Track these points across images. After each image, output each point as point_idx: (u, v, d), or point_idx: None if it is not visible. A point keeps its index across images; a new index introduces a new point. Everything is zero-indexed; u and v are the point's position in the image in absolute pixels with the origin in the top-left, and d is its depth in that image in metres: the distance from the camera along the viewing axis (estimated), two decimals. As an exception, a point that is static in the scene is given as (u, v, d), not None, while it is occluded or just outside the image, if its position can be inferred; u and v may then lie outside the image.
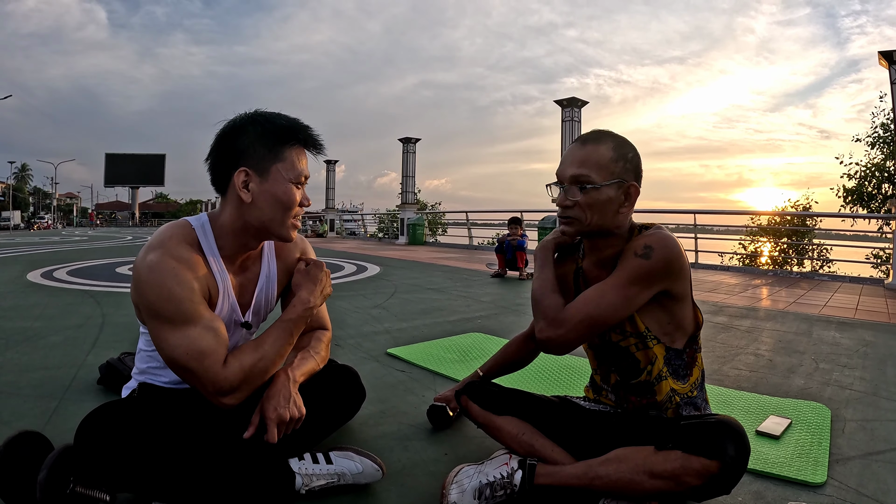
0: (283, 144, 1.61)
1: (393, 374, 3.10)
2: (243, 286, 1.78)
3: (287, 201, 1.61)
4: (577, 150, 1.67)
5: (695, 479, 1.43)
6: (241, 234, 1.66)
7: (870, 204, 20.58)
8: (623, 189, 1.64)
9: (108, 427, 1.52)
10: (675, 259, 1.58)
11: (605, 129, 1.70)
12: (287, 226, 1.65)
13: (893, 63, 8.76)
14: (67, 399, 2.54)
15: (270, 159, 1.59)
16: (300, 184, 1.64)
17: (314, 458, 1.73)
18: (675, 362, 1.71)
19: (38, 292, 6.13)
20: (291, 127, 1.63)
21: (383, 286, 7.10)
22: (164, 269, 1.50)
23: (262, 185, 1.59)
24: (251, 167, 1.58)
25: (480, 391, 1.92)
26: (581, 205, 1.64)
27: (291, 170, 1.61)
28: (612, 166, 1.62)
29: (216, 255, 1.65)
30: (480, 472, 1.66)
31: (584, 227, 1.67)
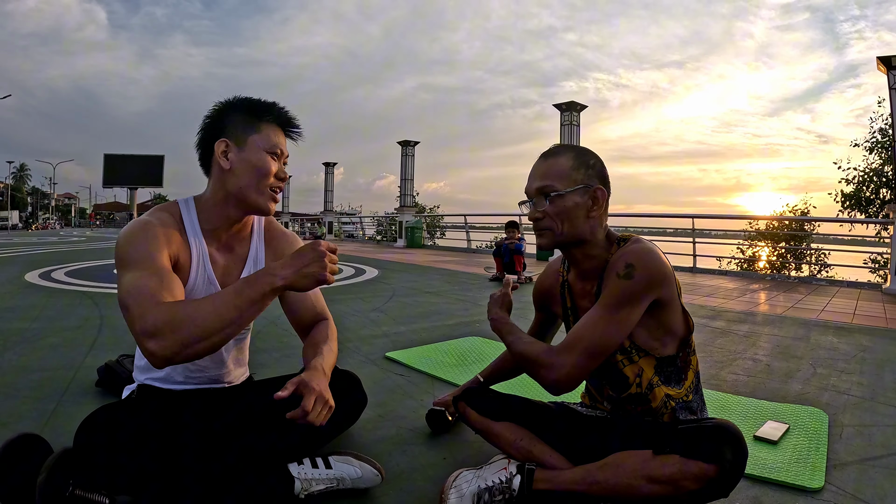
0: (259, 119, 1.72)
1: (391, 377, 3.10)
2: (229, 266, 1.84)
3: (262, 168, 1.70)
4: (539, 165, 1.73)
5: (693, 484, 1.44)
6: (222, 205, 1.75)
7: (868, 209, 20.61)
8: (589, 194, 1.68)
9: (107, 429, 1.52)
10: (657, 272, 1.58)
11: (565, 144, 1.74)
12: (264, 194, 1.73)
13: (892, 68, 8.77)
14: (66, 401, 2.54)
15: (248, 131, 1.71)
16: (276, 155, 1.74)
17: (313, 463, 1.73)
18: (667, 369, 1.71)
19: (36, 293, 6.13)
20: (268, 104, 1.76)
21: (381, 289, 7.10)
22: (135, 224, 1.63)
23: (240, 153, 1.70)
24: (230, 138, 1.70)
25: (478, 397, 1.92)
26: (549, 214, 1.68)
27: (266, 140, 1.71)
28: (574, 174, 1.67)
29: (196, 229, 1.75)
30: (479, 476, 1.67)
31: (557, 237, 1.70)
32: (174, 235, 1.67)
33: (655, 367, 1.70)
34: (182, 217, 1.74)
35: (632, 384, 1.72)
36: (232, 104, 1.75)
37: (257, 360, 3.20)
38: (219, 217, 1.77)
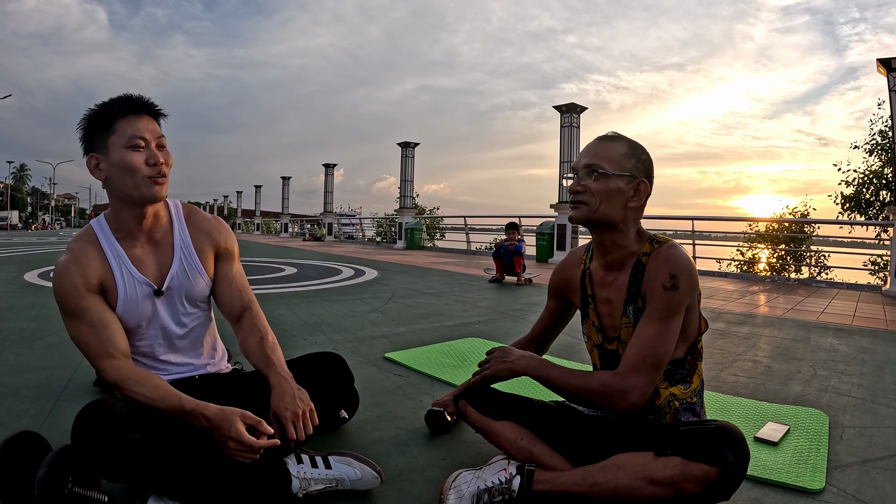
0: (110, 120, 1.70)
1: (390, 378, 3.09)
2: (158, 259, 1.86)
3: (126, 166, 1.69)
4: (594, 145, 1.75)
5: (694, 486, 1.43)
6: (121, 210, 1.78)
7: (868, 211, 20.60)
8: (633, 184, 1.70)
9: (105, 420, 1.51)
10: (695, 280, 1.66)
11: (621, 133, 1.77)
12: (142, 185, 1.71)
13: (892, 70, 8.77)
14: (64, 400, 2.54)
15: (105, 136, 1.70)
16: (138, 146, 1.70)
17: (313, 463, 1.73)
18: (676, 372, 1.72)
19: (35, 293, 6.14)
20: (112, 101, 1.74)
21: (381, 290, 7.09)
22: (57, 269, 1.74)
23: (108, 160, 1.71)
24: (96, 150, 1.72)
25: (478, 396, 1.91)
26: (591, 190, 1.69)
27: (122, 137, 1.69)
28: (625, 161, 1.70)
29: (111, 242, 1.79)
30: (478, 477, 1.66)
31: (591, 213, 1.70)
32: (91, 262, 1.74)
33: (666, 370, 1.71)
34: (97, 237, 1.79)
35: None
36: (85, 118, 1.75)
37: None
38: (125, 221, 1.80)
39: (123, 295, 1.77)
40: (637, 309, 1.71)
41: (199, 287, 1.92)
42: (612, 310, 1.79)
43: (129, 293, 1.78)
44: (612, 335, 1.80)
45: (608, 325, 1.81)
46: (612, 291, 1.78)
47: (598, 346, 1.86)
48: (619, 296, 1.76)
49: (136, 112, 1.74)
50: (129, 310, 1.77)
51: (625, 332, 1.74)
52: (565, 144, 14.07)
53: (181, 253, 1.89)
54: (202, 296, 1.95)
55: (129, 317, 1.78)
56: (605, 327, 1.82)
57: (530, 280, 8.35)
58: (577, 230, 13.55)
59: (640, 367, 1.60)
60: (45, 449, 1.60)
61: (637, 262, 1.73)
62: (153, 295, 1.82)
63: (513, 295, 7.00)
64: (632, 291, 1.72)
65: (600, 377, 1.64)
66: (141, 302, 1.80)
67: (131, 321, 1.79)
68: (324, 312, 5.23)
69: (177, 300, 1.88)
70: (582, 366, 3.23)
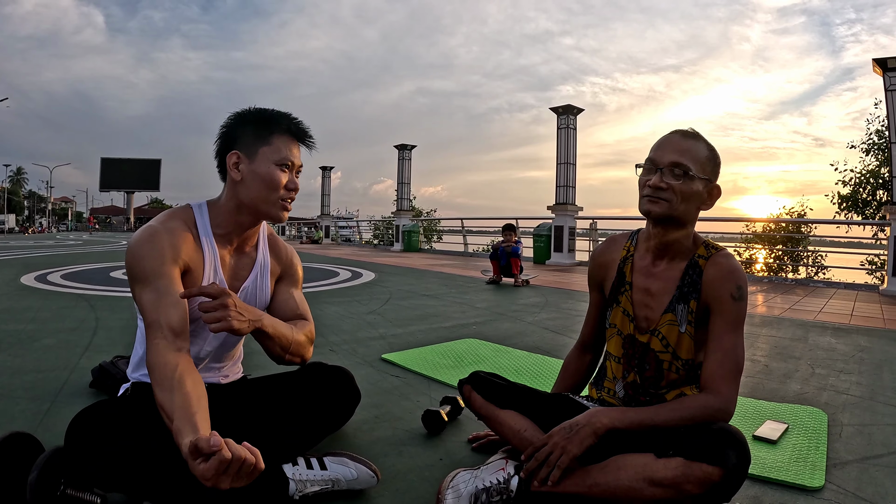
0: (270, 131, 1.74)
1: (388, 379, 3.08)
2: (238, 269, 1.87)
3: (270, 181, 1.72)
4: (679, 140, 1.70)
5: (695, 487, 1.42)
6: (234, 213, 1.78)
7: (864, 210, 20.64)
8: (709, 188, 1.70)
9: (99, 425, 1.50)
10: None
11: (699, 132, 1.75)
12: (275, 205, 1.75)
13: (888, 70, 8.79)
14: (59, 402, 2.52)
15: (259, 143, 1.73)
16: (286, 166, 1.75)
17: (308, 464, 1.72)
18: (694, 373, 1.74)
19: (32, 295, 6.12)
20: (279, 116, 1.78)
21: (378, 292, 7.08)
22: (144, 233, 1.66)
23: (251, 165, 1.72)
24: (242, 150, 1.73)
25: (485, 382, 1.90)
26: (675, 190, 1.66)
27: (276, 153, 1.73)
28: (708, 165, 1.69)
29: (209, 233, 1.77)
30: (476, 477, 1.65)
31: (671, 211, 1.68)
32: (185, 242, 1.69)
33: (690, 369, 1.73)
34: (196, 222, 1.77)
35: (664, 387, 1.76)
36: (244, 116, 1.77)
37: (255, 362, 3.17)
38: (231, 223, 1.80)
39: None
40: (688, 310, 1.71)
41: (259, 306, 1.91)
42: (653, 301, 1.78)
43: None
44: (644, 326, 1.78)
45: (642, 315, 1.79)
46: (657, 283, 1.77)
47: (626, 336, 1.82)
48: (664, 288, 1.76)
49: (294, 136, 1.79)
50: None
51: (667, 329, 1.73)
52: (562, 146, 14.10)
53: (258, 270, 1.91)
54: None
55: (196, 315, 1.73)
56: (637, 317, 1.80)
57: (527, 281, 8.35)
58: (575, 232, 13.56)
59: (728, 378, 1.62)
60: (37, 450, 1.58)
61: (693, 263, 1.73)
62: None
63: (510, 296, 6.99)
64: (685, 290, 1.72)
65: (695, 402, 1.60)
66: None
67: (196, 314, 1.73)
68: (321, 314, 5.21)
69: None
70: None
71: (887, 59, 8.71)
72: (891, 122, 8.95)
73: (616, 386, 1.85)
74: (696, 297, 1.70)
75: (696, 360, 1.72)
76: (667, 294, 1.74)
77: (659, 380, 1.75)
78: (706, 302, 1.69)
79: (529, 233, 14.56)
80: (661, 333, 1.74)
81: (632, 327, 1.81)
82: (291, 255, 2.05)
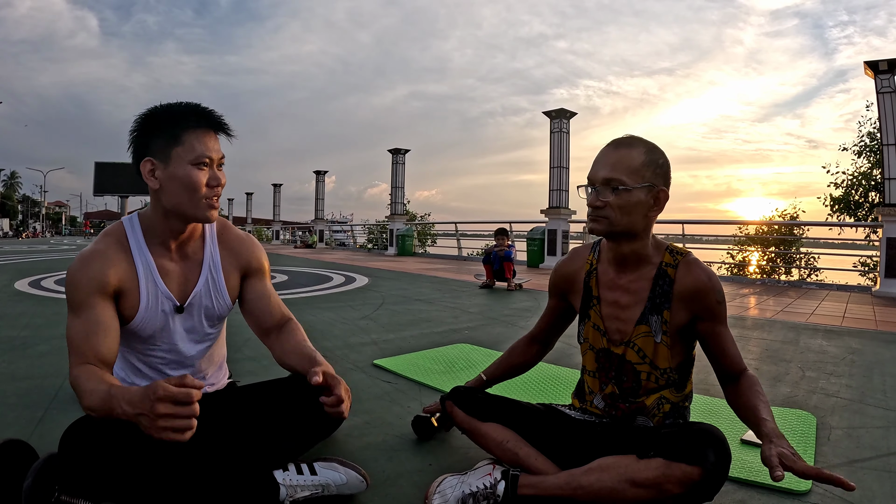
0: (180, 129, 1.65)
1: (379, 385, 3.08)
2: (185, 274, 1.83)
3: (189, 184, 1.65)
4: (610, 154, 1.68)
5: (676, 487, 1.43)
6: (163, 220, 1.74)
7: (857, 212, 20.69)
8: (653, 193, 1.66)
9: (93, 435, 1.50)
10: None
11: (637, 135, 1.73)
12: (199, 206, 1.69)
13: (879, 73, 8.84)
14: (54, 408, 2.52)
15: (171, 145, 1.65)
16: (203, 164, 1.67)
17: (298, 469, 1.72)
18: (673, 376, 1.74)
19: (26, 301, 6.14)
20: (186, 110, 1.69)
21: (371, 297, 7.08)
22: (77, 262, 1.67)
23: (166, 170, 1.66)
24: (155, 156, 1.66)
25: (466, 397, 1.91)
26: (612, 206, 1.65)
27: (190, 152, 1.65)
28: (644, 171, 1.65)
29: (142, 247, 1.74)
30: (463, 482, 1.66)
31: (613, 227, 1.68)
32: (114, 264, 1.68)
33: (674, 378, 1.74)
34: (128, 239, 1.74)
35: (641, 395, 1.76)
36: (150, 118, 1.69)
37: (245, 368, 3.18)
38: (163, 231, 1.76)
39: (145, 304, 1.73)
40: (662, 320, 1.70)
41: (219, 308, 1.90)
42: (623, 314, 1.77)
43: (151, 304, 1.74)
44: (618, 339, 1.78)
45: (613, 328, 1.79)
46: (626, 295, 1.77)
47: (599, 349, 1.82)
48: (634, 300, 1.75)
49: (207, 128, 1.71)
50: (148, 319, 1.74)
51: (642, 341, 1.73)
52: (555, 150, 14.12)
53: (208, 272, 1.87)
54: (221, 316, 1.92)
55: (146, 326, 1.75)
56: (608, 330, 1.80)
57: (520, 285, 8.35)
58: (569, 235, 13.58)
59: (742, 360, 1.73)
60: (31, 457, 1.58)
61: (661, 273, 1.72)
62: (173, 310, 1.79)
63: (503, 300, 6.99)
64: (657, 301, 1.71)
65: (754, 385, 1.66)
66: (161, 315, 1.77)
67: (147, 330, 1.76)
68: (314, 319, 5.22)
69: (195, 318, 1.86)
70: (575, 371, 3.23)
71: (878, 61, 8.76)
72: (882, 124, 8.99)
73: (595, 399, 1.86)
74: (667, 306, 1.69)
75: (674, 367, 1.72)
76: (637, 305, 1.74)
77: (637, 389, 1.75)
78: (688, 312, 1.69)
79: (523, 236, 14.57)
80: (637, 345, 1.73)
81: (605, 341, 1.80)
82: (249, 245, 1.99)
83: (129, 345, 1.81)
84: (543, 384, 3.10)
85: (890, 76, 8.81)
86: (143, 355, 1.82)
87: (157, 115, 1.68)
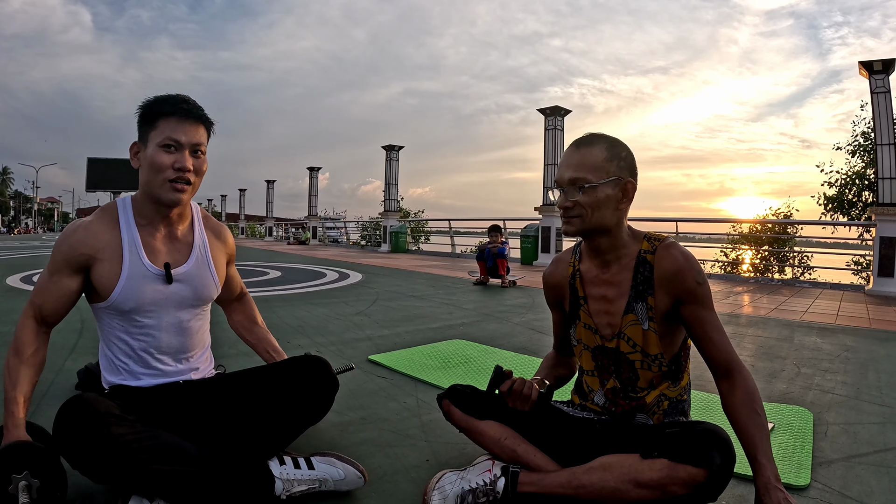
0: (155, 115, 1.75)
1: (374, 380, 3.07)
2: (173, 254, 1.89)
3: (153, 163, 1.73)
4: (573, 154, 1.69)
5: (681, 488, 1.42)
6: (146, 201, 1.82)
7: (850, 211, 20.75)
8: (620, 186, 1.66)
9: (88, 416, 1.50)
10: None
11: (598, 132, 1.73)
12: (163, 187, 1.75)
13: (873, 73, 8.86)
14: (45, 404, 2.51)
15: (148, 130, 1.75)
16: (170, 147, 1.74)
17: (296, 464, 1.72)
18: (670, 367, 1.72)
19: (18, 297, 6.10)
20: (164, 99, 1.78)
21: (365, 293, 7.07)
22: (67, 229, 1.81)
23: (144, 153, 1.76)
24: (140, 140, 1.78)
25: (462, 395, 1.90)
26: (581, 204, 1.65)
27: (160, 135, 1.73)
28: (607, 166, 1.65)
29: (130, 224, 1.82)
30: (463, 478, 1.65)
31: (585, 225, 1.68)
32: (100, 233, 1.78)
33: (664, 373, 1.73)
34: (118, 216, 1.83)
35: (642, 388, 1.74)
36: (140, 107, 1.79)
37: (238, 363, 3.17)
38: (149, 211, 1.83)
39: (126, 275, 1.76)
40: (647, 307, 1.69)
41: (208, 287, 1.94)
42: (610, 307, 1.76)
43: (132, 276, 1.77)
44: (608, 333, 1.77)
45: (603, 323, 1.78)
46: (610, 289, 1.76)
47: (594, 347, 1.81)
48: (619, 293, 1.74)
49: (180, 115, 1.76)
50: (129, 290, 1.77)
51: (631, 330, 1.72)
52: (549, 147, 14.11)
53: (198, 252, 1.92)
54: (209, 296, 1.97)
55: (126, 298, 1.77)
56: (598, 326, 1.79)
57: (514, 282, 8.36)
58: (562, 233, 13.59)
59: (732, 348, 1.67)
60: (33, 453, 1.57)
61: (640, 260, 1.71)
62: (160, 282, 1.82)
63: (497, 297, 7.00)
64: (640, 289, 1.70)
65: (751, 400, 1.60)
66: (149, 288, 1.80)
67: (128, 303, 1.78)
68: (307, 315, 5.21)
69: (182, 294, 1.87)
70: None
71: (873, 61, 8.78)
72: (876, 123, 9.01)
73: (595, 396, 1.85)
74: (651, 293, 1.69)
75: (665, 353, 1.71)
76: (623, 296, 1.73)
77: (636, 380, 1.74)
78: (669, 296, 1.67)
79: (517, 234, 14.58)
80: (627, 335, 1.73)
81: (598, 338, 1.80)
82: (228, 233, 2.13)
83: (117, 324, 1.82)
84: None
85: (884, 76, 8.83)
86: (129, 335, 1.84)
87: (144, 103, 1.78)
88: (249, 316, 2.36)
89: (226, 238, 2.08)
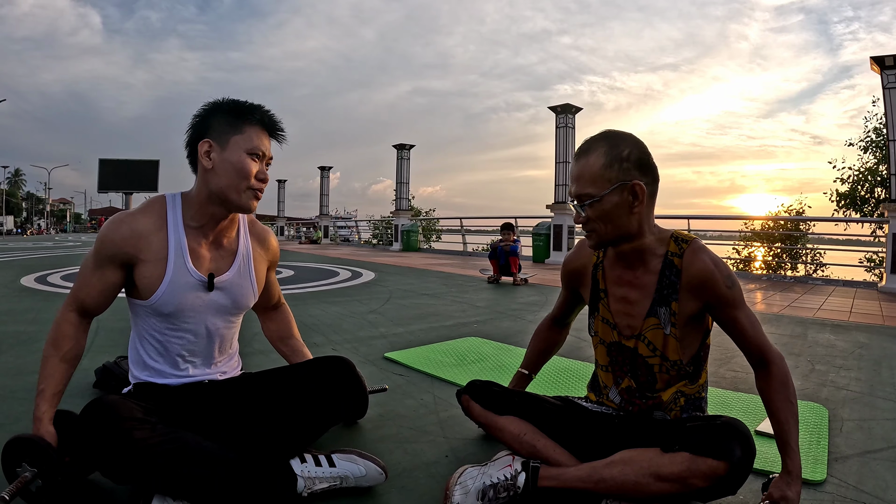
0: (242, 121, 1.76)
1: (391, 377, 3.10)
2: (217, 261, 1.88)
3: (241, 169, 1.73)
4: (574, 167, 1.69)
5: (702, 481, 1.43)
6: (206, 204, 1.79)
7: (863, 208, 20.62)
8: (627, 189, 1.62)
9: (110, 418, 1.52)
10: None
11: (598, 134, 1.70)
12: (244, 194, 1.76)
13: (885, 68, 8.81)
14: (63, 403, 2.51)
15: (231, 132, 1.74)
16: (257, 156, 1.77)
17: (317, 461, 1.73)
18: (688, 368, 1.73)
19: (32, 297, 6.14)
20: (252, 107, 1.80)
21: (378, 292, 7.10)
22: (114, 222, 1.77)
23: (222, 154, 1.74)
24: (213, 139, 1.74)
25: (482, 391, 1.92)
26: (592, 218, 1.65)
27: (248, 142, 1.75)
28: (608, 173, 1.62)
29: (178, 225, 1.80)
30: (484, 473, 1.66)
31: (602, 238, 1.68)
32: (147, 233, 1.75)
33: (680, 375, 1.73)
34: (167, 212, 1.80)
35: (658, 390, 1.75)
36: (218, 105, 1.79)
37: (255, 362, 3.20)
38: (203, 215, 1.81)
39: (169, 280, 1.76)
40: (670, 312, 1.68)
41: (246, 296, 1.95)
42: (632, 309, 1.75)
43: (175, 281, 1.77)
44: (628, 333, 1.77)
45: (623, 323, 1.78)
46: (633, 291, 1.75)
47: (610, 343, 1.82)
48: (642, 295, 1.73)
49: (266, 128, 1.81)
50: (171, 294, 1.76)
51: (652, 333, 1.71)
52: (560, 145, 14.09)
53: (241, 261, 1.92)
54: (247, 305, 1.98)
55: (167, 302, 1.77)
56: (619, 325, 1.79)
57: (526, 280, 8.35)
58: (573, 231, 13.57)
59: (768, 341, 1.67)
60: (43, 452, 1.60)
61: (667, 263, 1.69)
62: (201, 289, 1.82)
63: (510, 295, 7.01)
64: (664, 293, 1.68)
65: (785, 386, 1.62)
66: (187, 293, 1.80)
67: (168, 306, 1.78)
68: (322, 314, 5.24)
69: (221, 302, 1.88)
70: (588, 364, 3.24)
71: (885, 56, 8.73)
72: (889, 119, 8.97)
73: (610, 393, 1.86)
74: (675, 297, 1.67)
75: (684, 357, 1.71)
76: (646, 299, 1.72)
77: (653, 383, 1.75)
78: (699, 301, 1.66)
79: (529, 232, 14.56)
80: (647, 338, 1.72)
81: (615, 335, 1.80)
82: (273, 238, 2.12)
83: (153, 324, 1.83)
84: (557, 377, 3.11)
85: (896, 71, 8.79)
86: (164, 336, 1.84)
87: (224, 104, 1.78)
88: (285, 327, 2.33)
89: (269, 244, 2.08)
